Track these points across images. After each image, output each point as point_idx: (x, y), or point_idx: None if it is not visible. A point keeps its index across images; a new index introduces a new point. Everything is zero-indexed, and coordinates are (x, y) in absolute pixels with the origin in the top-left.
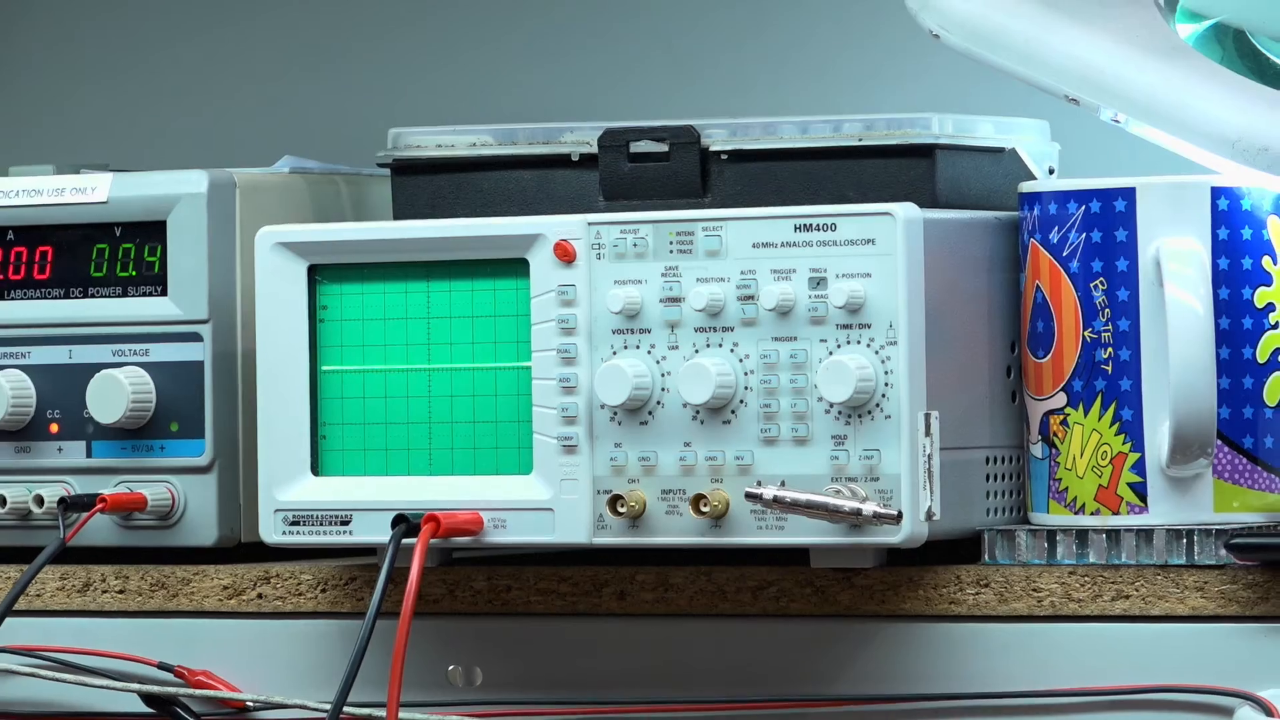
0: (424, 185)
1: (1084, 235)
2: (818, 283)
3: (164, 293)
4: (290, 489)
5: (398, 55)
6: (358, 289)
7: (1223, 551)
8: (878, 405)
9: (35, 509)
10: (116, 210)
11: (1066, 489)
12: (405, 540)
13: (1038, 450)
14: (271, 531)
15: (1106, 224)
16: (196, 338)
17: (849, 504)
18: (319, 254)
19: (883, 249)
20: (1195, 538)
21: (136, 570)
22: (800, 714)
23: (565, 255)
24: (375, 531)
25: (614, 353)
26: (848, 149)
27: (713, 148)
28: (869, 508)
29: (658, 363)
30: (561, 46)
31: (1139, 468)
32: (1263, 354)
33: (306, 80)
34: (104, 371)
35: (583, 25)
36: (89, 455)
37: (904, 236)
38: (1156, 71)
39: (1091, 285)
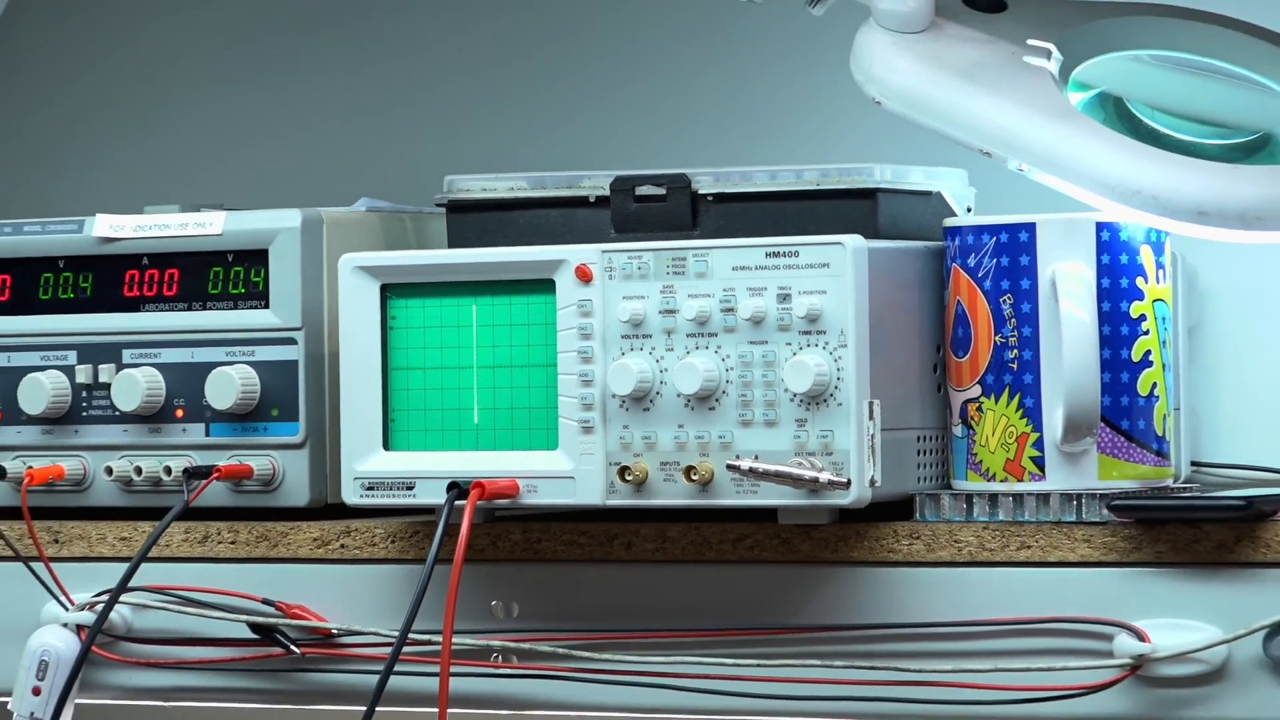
0: (472, 221)
1: (995, 260)
2: (784, 298)
3: (266, 306)
4: (366, 461)
5: (451, 117)
6: (420, 303)
7: (1105, 511)
8: (831, 395)
9: (164, 477)
10: (229, 240)
11: (981, 461)
12: (457, 502)
13: (958, 431)
14: (352, 495)
15: (1013, 251)
16: (292, 342)
17: (809, 473)
18: (390, 275)
19: (835, 271)
20: (1083, 500)
21: (245, 526)
22: (769, 640)
23: (584, 276)
24: (434, 495)
25: (622, 353)
26: (807, 192)
27: (701, 191)
28: (824, 476)
29: (657, 361)
30: (580, 110)
31: (1039, 445)
32: (1136, 354)
33: (380, 138)
34: (219, 368)
35: (597, 93)
36: (207, 435)
37: (852, 261)
38: (1052, 130)
39: (1000, 300)
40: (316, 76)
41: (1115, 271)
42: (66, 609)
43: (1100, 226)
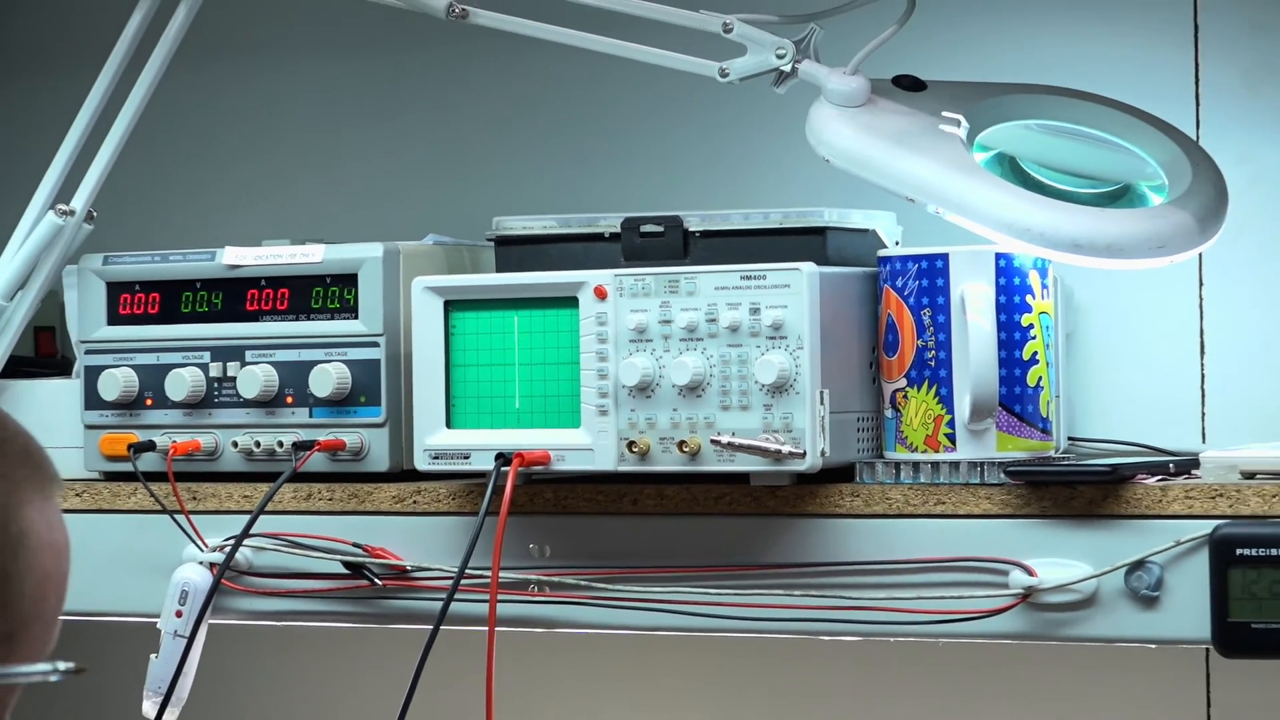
0: (515, 252)
1: (917, 282)
2: (755, 311)
3: (356, 317)
4: (433, 436)
5: (499, 172)
6: (474, 315)
7: (1003, 475)
8: (791, 385)
9: (278, 449)
10: (327, 267)
11: (906, 436)
12: (503, 468)
13: (889, 413)
14: (422, 463)
15: (931, 275)
16: (376, 345)
17: (773, 446)
18: (451, 294)
19: (795, 291)
20: (985, 467)
21: (340, 486)
22: (743, 575)
23: (600, 294)
24: (485, 463)
25: (630, 354)
26: (773, 229)
27: (691, 228)
28: (786, 448)
29: (657, 360)
30: (597, 165)
31: (951, 424)
32: (1026, 354)
33: (443, 187)
34: (319, 365)
35: (611, 152)
36: (310, 416)
37: (807, 283)
38: (962, 182)
39: (921, 313)
40: (395, 138)
41: (1010, 291)
42: (202, 550)
43: (999, 256)
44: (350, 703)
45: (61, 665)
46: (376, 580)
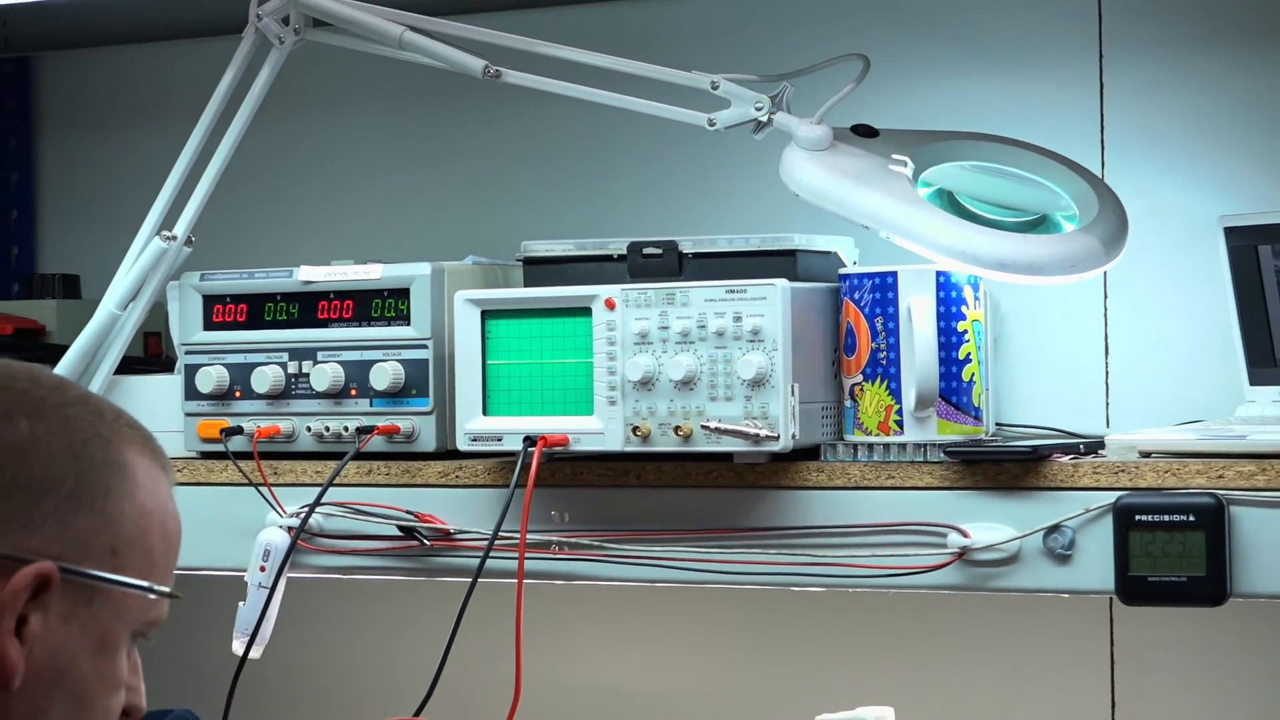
0: (540, 270)
1: (872, 295)
2: (737, 319)
3: (409, 324)
4: (472, 423)
5: (526, 203)
6: (506, 322)
7: (942, 454)
8: (768, 380)
9: (344, 433)
10: (385, 282)
11: (863, 422)
12: (529, 449)
13: (848, 403)
14: (463, 444)
15: (883, 289)
16: (425, 347)
17: (753, 430)
18: (487, 305)
19: (771, 303)
20: (928, 448)
21: (395, 464)
22: (728, 537)
23: (610, 305)
24: (515, 445)
25: (634, 354)
26: (752, 251)
27: (685, 250)
28: (763, 433)
29: (656, 360)
30: (608, 197)
31: (899, 412)
32: (961, 355)
33: (481, 216)
34: (378, 363)
35: (618, 185)
36: (371, 406)
37: (781, 296)
38: (908, 212)
39: (875, 320)
40: (441, 176)
41: (948, 302)
42: (281, 516)
43: (939, 274)
44: (403, 643)
45: (158, 586)
46: (425, 541)
